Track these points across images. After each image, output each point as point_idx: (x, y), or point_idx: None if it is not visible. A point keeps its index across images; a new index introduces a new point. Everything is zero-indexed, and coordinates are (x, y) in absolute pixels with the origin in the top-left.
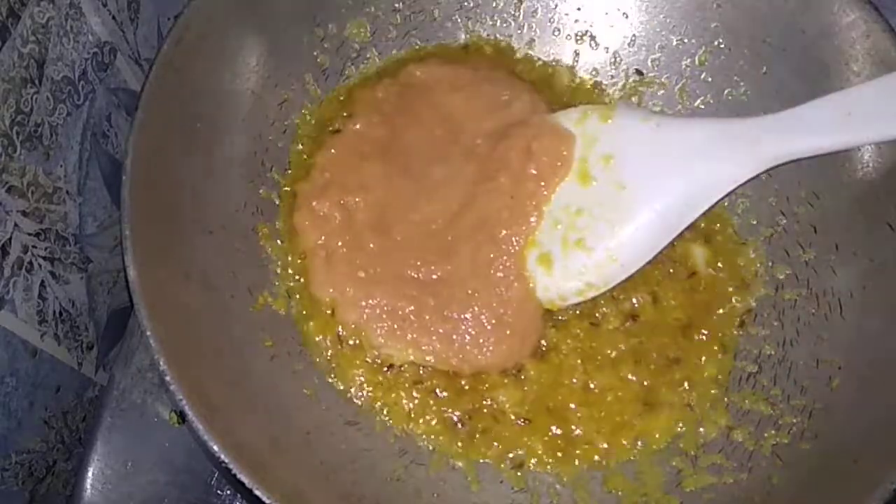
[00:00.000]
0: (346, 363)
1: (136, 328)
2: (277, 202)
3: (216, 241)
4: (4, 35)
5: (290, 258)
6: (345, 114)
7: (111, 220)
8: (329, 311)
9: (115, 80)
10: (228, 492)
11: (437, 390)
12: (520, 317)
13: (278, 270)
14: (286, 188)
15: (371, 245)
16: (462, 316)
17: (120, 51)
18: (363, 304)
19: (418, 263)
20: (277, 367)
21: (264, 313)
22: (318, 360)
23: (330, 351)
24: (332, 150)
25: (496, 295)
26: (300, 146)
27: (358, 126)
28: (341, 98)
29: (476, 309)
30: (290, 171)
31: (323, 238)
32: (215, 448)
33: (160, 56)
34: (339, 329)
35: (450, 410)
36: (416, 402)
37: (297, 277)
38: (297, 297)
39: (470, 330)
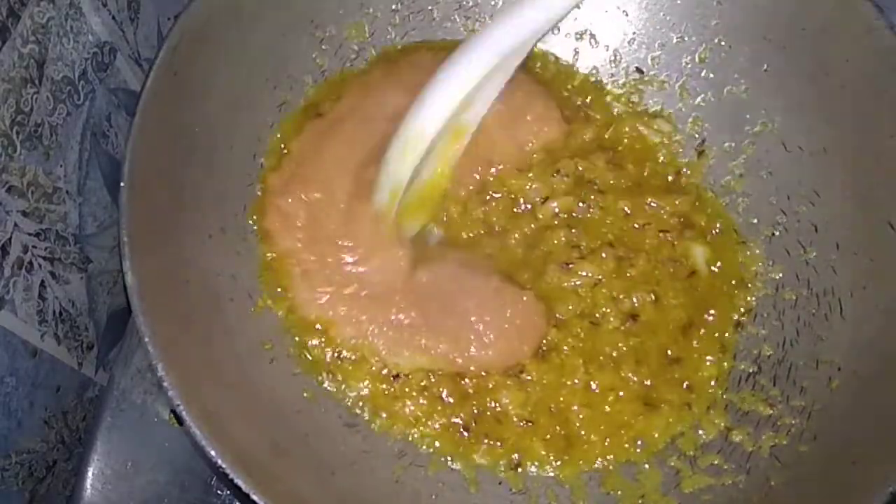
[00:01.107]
0: (350, 376)
1: (135, 328)
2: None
3: (215, 244)
4: (4, 35)
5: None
6: (333, 97)
7: (111, 220)
8: (321, 331)
9: (115, 80)
10: (228, 492)
11: (444, 395)
12: (520, 312)
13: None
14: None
15: (346, 257)
16: (465, 312)
17: (120, 51)
18: (362, 318)
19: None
20: (277, 370)
21: (264, 316)
22: (319, 378)
23: (331, 368)
24: (306, 136)
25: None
26: (278, 135)
27: (339, 107)
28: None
29: (477, 307)
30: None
31: (296, 243)
32: (213, 453)
33: (158, 59)
34: (337, 348)
35: (454, 415)
36: (423, 407)
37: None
38: (290, 314)
39: (474, 327)
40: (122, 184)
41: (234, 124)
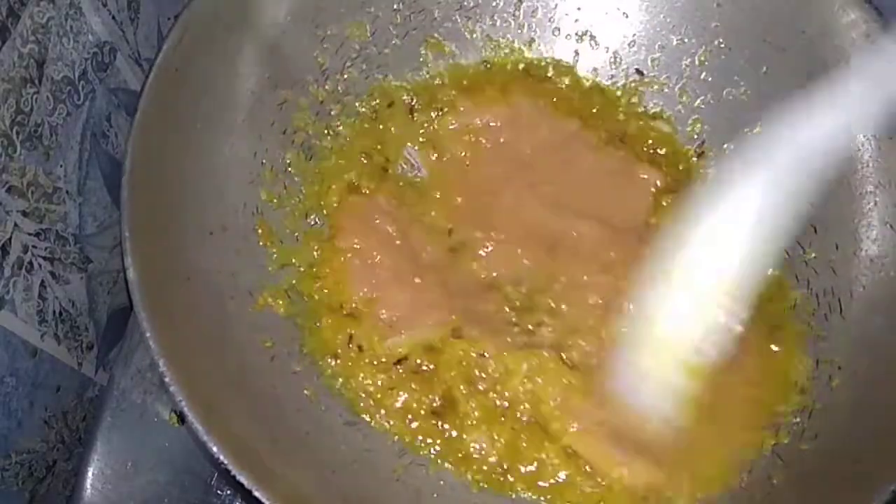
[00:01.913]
0: (353, 366)
1: (136, 328)
2: (275, 202)
3: (216, 242)
4: (4, 35)
5: (293, 260)
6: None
7: (111, 220)
8: (345, 312)
9: (115, 80)
10: (228, 492)
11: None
12: None
13: (279, 271)
14: (333, 186)
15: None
16: None
17: (120, 51)
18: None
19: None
20: (277, 368)
21: (264, 314)
22: (321, 363)
23: (339, 351)
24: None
25: None
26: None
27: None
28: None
29: None
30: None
31: (364, 244)
32: (214, 449)
33: (160, 57)
34: (351, 331)
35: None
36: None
37: (299, 276)
38: (312, 297)
39: None
40: (123, 178)
41: (235, 122)
